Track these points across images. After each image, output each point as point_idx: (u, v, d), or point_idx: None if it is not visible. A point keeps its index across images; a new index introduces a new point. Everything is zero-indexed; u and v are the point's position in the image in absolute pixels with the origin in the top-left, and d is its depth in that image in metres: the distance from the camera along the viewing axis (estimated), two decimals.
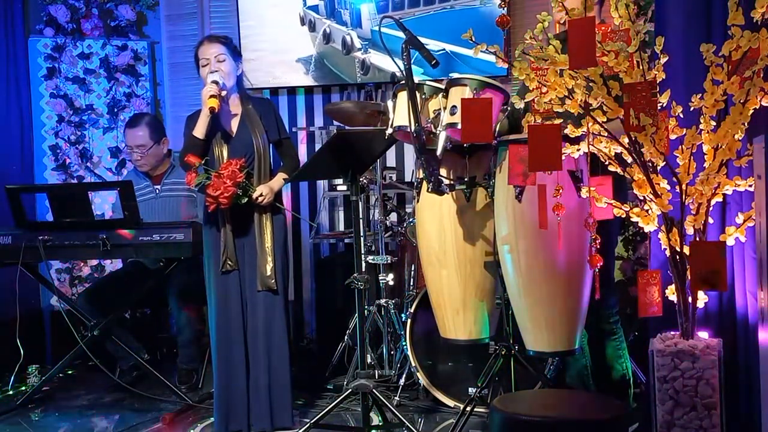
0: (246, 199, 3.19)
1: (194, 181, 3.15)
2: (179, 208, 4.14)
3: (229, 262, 3.23)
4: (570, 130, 2.43)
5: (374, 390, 2.96)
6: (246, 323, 3.28)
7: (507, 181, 2.64)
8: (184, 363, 4.09)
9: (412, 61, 2.78)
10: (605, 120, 2.35)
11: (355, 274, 3.02)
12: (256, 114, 3.33)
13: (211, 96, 3.17)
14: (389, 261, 3.92)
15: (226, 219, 3.24)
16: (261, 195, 3.22)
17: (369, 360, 3.69)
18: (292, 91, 5.17)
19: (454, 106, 2.73)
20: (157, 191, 4.20)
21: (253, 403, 3.26)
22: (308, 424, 2.99)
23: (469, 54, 4.64)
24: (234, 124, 3.32)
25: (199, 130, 3.22)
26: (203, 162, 3.18)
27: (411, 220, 3.96)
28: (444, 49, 4.78)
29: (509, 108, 2.82)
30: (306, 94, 5.17)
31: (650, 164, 2.31)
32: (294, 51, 5.09)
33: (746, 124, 2.22)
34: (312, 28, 5.13)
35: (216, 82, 3.20)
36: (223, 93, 3.25)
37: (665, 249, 2.34)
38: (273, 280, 3.25)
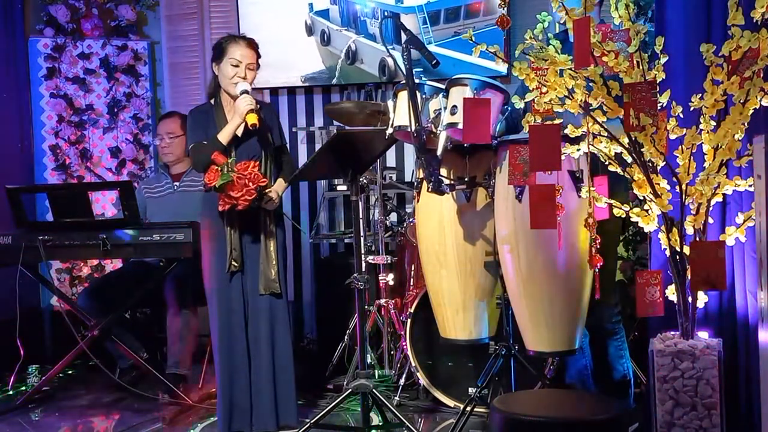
0: (258, 202, 3.18)
1: (217, 181, 3.09)
2: (196, 203, 4.15)
3: (235, 263, 3.23)
4: (570, 130, 2.43)
5: (374, 390, 2.96)
6: (247, 325, 3.27)
7: (507, 181, 2.64)
8: (175, 367, 4.05)
9: (413, 61, 2.79)
10: (605, 120, 2.35)
11: (355, 274, 3.02)
12: (263, 116, 3.32)
13: (251, 111, 3.12)
14: (389, 261, 3.92)
15: (233, 220, 3.24)
16: (271, 199, 3.22)
17: (369, 360, 3.69)
18: (292, 91, 5.16)
19: (455, 106, 2.73)
20: (176, 187, 4.23)
21: (255, 404, 3.26)
22: (308, 424, 2.99)
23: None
24: (240, 127, 3.29)
25: (225, 137, 3.18)
26: (229, 161, 3.14)
27: (411, 220, 3.96)
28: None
29: (509, 108, 2.82)
30: (306, 94, 5.17)
31: (650, 164, 2.31)
32: (299, 67, 4.88)
33: (746, 124, 2.22)
34: (326, 40, 4.74)
35: (247, 92, 3.17)
36: (258, 106, 3.23)
37: (665, 249, 2.34)
38: (277, 284, 3.25)
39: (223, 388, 3.25)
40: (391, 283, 3.96)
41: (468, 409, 2.95)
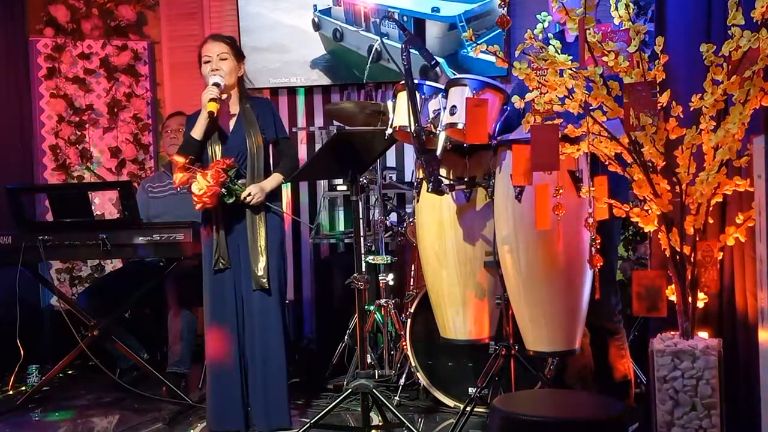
0: (233, 199, 3.19)
1: (178, 180, 3.16)
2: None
3: (222, 261, 3.23)
4: (570, 130, 2.43)
5: (374, 390, 2.95)
6: (241, 323, 3.28)
7: (508, 181, 2.64)
8: (176, 366, 4.05)
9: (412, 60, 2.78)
10: (605, 120, 2.35)
11: (355, 274, 3.02)
12: (253, 113, 3.33)
13: (211, 99, 3.17)
14: (389, 261, 3.92)
15: (219, 218, 3.25)
16: (249, 195, 3.22)
17: (369, 360, 3.70)
18: (292, 91, 5.17)
19: (454, 106, 2.73)
20: (179, 189, 4.23)
21: (249, 404, 3.26)
22: (308, 424, 2.99)
23: None
24: (230, 124, 3.32)
25: (197, 131, 3.23)
26: (188, 160, 3.18)
27: (411, 220, 3.96)
28: None
29: (508, 108, 2.82)
30: (306, 94, 5.17)
31: (650, 164, 2.31)
32: (300, 66, 4.92)
33: (746, 124, 2.22)
34: (338, 38, 4.77)
35: (217, 84, 3.21)
36: (224, 96, 3.25)
37: (665, 249, 2.34)
38: (265, 280, 3.24)
39: (214, 389, 3.26)
40: (391, 283, 3.96)
41: (468, 409, 2.95)
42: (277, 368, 3.27)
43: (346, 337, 4.09)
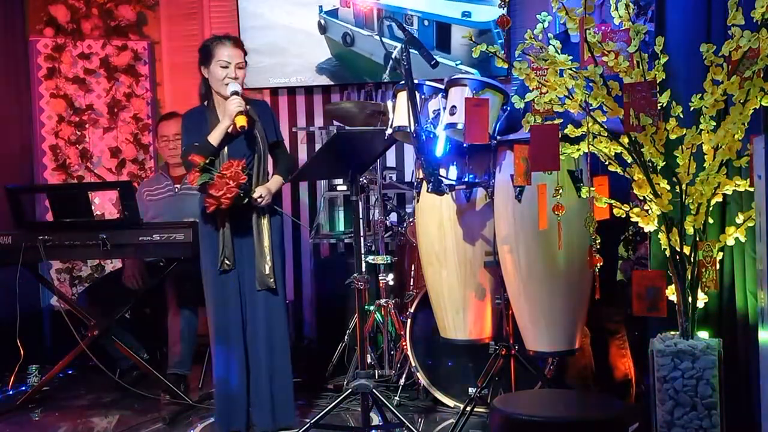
0: (246, 200, 3.19)
1: (197, 181, 3.13)
2: (197, 205, 4.16)
3: (227, 262, 3.23)
4: (570, 130, 2.43)
5: (374, 390, 2.95)
6: (245, 323, 3.28)
7: (509, 180, 2.64)
8: (176, 368, 4.02)
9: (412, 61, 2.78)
10: (605, 120, 2.35)
11: (355, 274, 3.02)
12: (255, 115, 3.33)
13: (240, 113, 3.13)
14: (389, 261, 3.92)
15: (224, 219, 3.24)
16: (261, 196, 3.22)
17: (369, 360, 3.69)
18: (291, 91, 5.17)
19: (454, 107, 2.73)
20: (176, 190, 4.22)
21: (254, 403, 3.27)
22: (308, 424, 2.99)
23: None
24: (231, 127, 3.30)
25: (215, 138, 3.19)
26: (207, 161, 3.17)
27: (411, 220, 3.96)
28: None
29: (509, 108, 2.82)
30: (306, 94, 5.17)
31: (650, 164, 2.31)
32: (303, 63, 4.84)
33: (746, 124, 2.22)
34: (348, 42, 4.59)
35: (237, 93, 3.18)
36: (248, 107, 3.24)
37: (665, 249, 2.34)
38: (272, 279, 3.24)
39: (220, 388, 3.26)
40: (391, 283, 3.96)
41: (468, 409, 2.95)
42: (282, 367, 3.27)
43: (346, 337, 4.09)
